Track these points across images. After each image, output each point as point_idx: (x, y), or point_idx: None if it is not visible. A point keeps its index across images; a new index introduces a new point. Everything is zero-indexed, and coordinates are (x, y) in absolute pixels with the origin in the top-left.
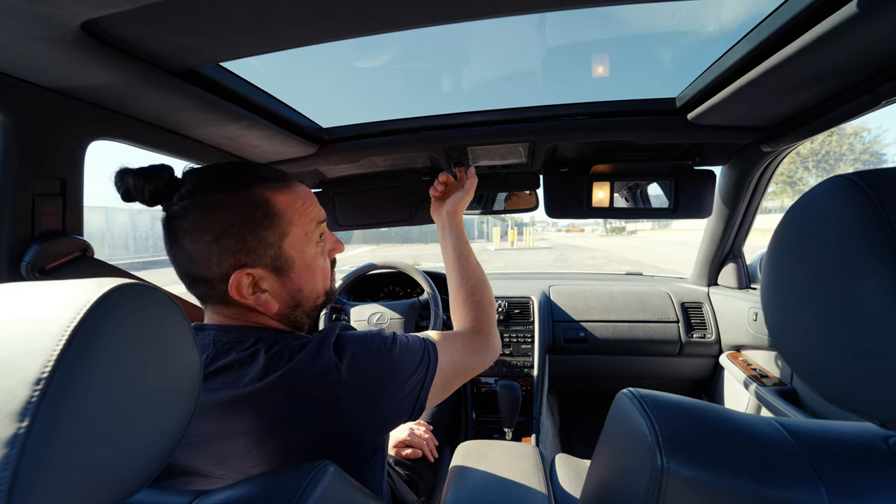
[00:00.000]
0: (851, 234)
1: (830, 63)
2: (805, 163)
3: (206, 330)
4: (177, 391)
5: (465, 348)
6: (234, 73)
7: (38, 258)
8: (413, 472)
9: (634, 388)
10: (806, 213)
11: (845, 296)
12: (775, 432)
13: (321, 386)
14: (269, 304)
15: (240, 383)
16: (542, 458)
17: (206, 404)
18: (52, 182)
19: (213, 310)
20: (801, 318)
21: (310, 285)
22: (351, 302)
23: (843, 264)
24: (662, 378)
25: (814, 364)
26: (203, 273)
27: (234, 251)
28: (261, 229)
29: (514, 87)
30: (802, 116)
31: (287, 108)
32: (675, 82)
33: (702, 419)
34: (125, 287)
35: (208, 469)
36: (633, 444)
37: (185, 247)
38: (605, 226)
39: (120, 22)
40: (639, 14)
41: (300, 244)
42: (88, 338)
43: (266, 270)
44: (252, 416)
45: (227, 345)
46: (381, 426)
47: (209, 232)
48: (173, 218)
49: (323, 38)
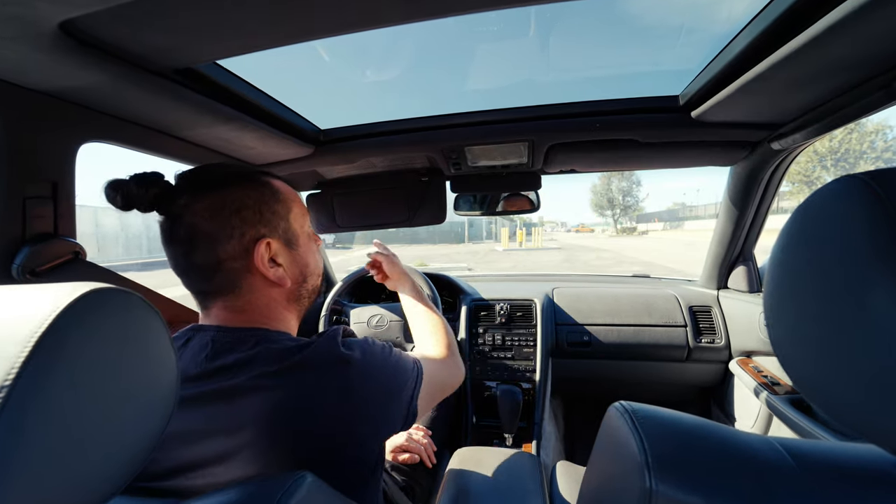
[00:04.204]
0: (861, 239)
1: (842, 55)
2: (823, 161)
3: (205, 331)
4: (152, 395)
5: (442, 364)
6: (229, 72)
7: (29, 260)
8: (410, 477)
9: (626, 401)
10: (812, 215)
11: (855, 307)
12: (775, 454)
13: (339, 377)
14: (284, 278)
15: (243, 377)
16: (542, 466)
17: (208, 397)
18: (43, 185)
19: (221, 304)
20: (807, 331)
21: (313, 261)
22: (351, 304)
23: (853, 272)
24: (669, 384)
25: (820, 383)
26: (224, 251)
27: (254, 221)
28: (272, 202)
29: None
30: (815, 112)
31: (283, 109)
32: (680, 79)
33: (696, 438)
34: (98, 291)
35: (208, 465)
36: (622, 462)
37: (202, 230)
38: (616, 226)
39: (99, 22)
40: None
41: (301, 220)
42: (57, 344)
43: (280, 243)
44: (256, 406)
45: (227, 344)
46: (380, 431)
47: (228, 207)
48: (183, 210)
49: (305, 36)
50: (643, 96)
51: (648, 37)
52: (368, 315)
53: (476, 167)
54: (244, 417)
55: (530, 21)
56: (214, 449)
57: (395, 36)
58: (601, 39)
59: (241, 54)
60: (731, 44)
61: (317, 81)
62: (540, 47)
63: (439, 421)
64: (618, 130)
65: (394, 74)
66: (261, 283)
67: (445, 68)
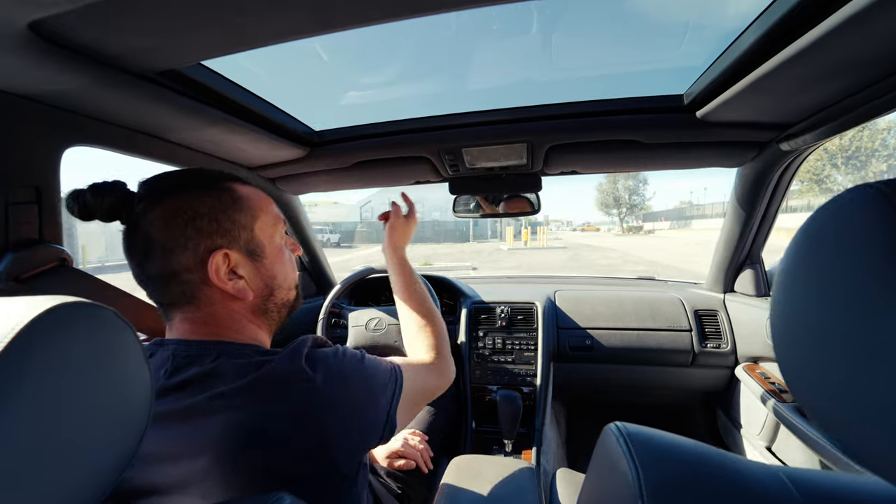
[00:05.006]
0: (876, 256)
1: (854, 53)
2: (833, 160)
3: (166, 345)
4: (124, 413)
5: (426, 369)
6: (216, 73)
7: (12, 267)
8: (406, 484)
9: (622, 422)
10: (823, 228)
11: (868, 331)
12: (779, 486)
13: (296, 395)
14: (245, 291)
15: (202, 393)
16: (542, 475)
17: (166, 417)
18: (26, 190)
19: (180, 317)
20: (815, 354)
21: (282, 273)
22: (350, 307)
23: (866, 293)
24: (674, 389)
25: (827, 411)
26: (178, 262)
27: (209, 232)
28: (232, 212)
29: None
30: (826, 112)
31: (275, 110)
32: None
33: (694, 466)
34: (67, 306)
35: (169, 493)
36: (616, 489)
37: (156, 240)
38: (622, 225)
39: (70, 24)
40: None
41: (269, 231)
42: (21, 359)
43: (241, 254)
44: (216, 427)
45: (186, 359)
46: (355, 448)
47: (181, 216)
48: (139, 218)
49: (288, 35)
50: (646, 95)
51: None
52: (367, 318)
53: (474, 169)
54: (204, 439)
55: (531, 18)
56: (179, 472)
57: (391, 34)
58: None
59: (222, 55)
60: (738, 40)
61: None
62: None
63: (437, 426)
64: (620, 131)
65: (390, 74)
66: (219, 295)
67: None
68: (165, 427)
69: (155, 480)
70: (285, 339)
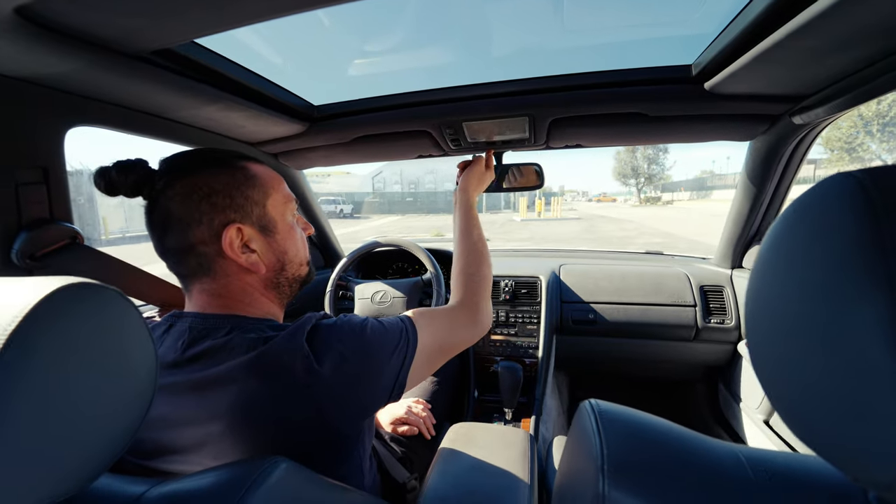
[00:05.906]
0: (846, 250)
1: (871, 21)
2: (868, 126)
3: (184, 317)
4: (129, 387)
5: (450, 323)
6: (211, 51)
7: (27, 246)
8: (409, 448)
9: (597, 399)
10: (801, 217)
11: (831, 325)
12: (735, 464)
13: (295, 373)
14: (258, 265)
15: (213, 367)
16: (538, 442)
17: (181, 388)
18: (34, 171)
19: (198, 288)
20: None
21: (293, 249)
22: (357, 280)
23: (834, 286)
24: (676, 362)
25: (786, 397)
26: (194, 236)
27: (223, 207)
28: (245, 188)
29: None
30: (841, 84)
31: (272, 86)
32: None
33: (655, 443)
34: (72, 287)
35: (186, 452)
36: (583, 463)
37: (174, 214)
38: (639, 195)
39: (57, 7)
40: None
41: (281, 208)
42: (29, 338)
43: (254, 229)
44: (225, 399)
45: (202, 332)
46: (358, 415)
47: (197, 192)
48: (159, 195)
49: (278, 11)
50: (652, 66)
51: None
52: (373, 291)
53: (476, 143)
54: (215, 409)
55: None
56: (189, 437)
57: (390, 2)
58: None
59: (215, 33)
60: (749, 6)
61: (312, 50)
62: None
63: (440, 394)
64: (625, 103)
65: (392, 42)
66: (234, 268)
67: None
68: (181, 395)
69: (174, 442)
70: (296, 310)
